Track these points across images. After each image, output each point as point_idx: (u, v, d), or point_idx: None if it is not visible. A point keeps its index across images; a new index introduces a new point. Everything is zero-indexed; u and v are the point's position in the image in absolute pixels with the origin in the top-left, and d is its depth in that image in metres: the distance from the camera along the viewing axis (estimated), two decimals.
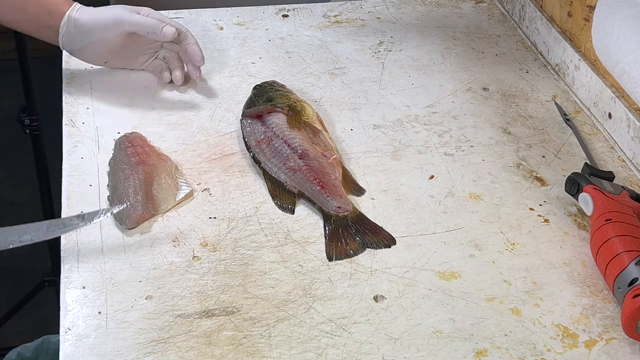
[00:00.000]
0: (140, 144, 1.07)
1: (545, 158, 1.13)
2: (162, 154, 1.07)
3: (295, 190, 1.03)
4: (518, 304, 0.91)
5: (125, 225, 0.97)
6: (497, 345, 0.86)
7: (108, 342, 0.84)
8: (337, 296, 0.90)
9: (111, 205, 0.99)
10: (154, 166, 1.04)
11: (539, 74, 1.31)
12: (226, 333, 0.86)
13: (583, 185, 1.00)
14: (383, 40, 1.37)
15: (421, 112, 1.20)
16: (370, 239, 0.97)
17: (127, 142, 1.08)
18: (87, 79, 1.22)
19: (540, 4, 1.37)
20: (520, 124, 1.19)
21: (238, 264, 0.94)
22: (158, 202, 1.00)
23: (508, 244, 0.98)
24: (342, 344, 0.85)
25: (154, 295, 0.89)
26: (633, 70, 1.11)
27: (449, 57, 1.34)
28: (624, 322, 0.86)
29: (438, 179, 1.08)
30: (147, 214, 0.98)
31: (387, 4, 1.47)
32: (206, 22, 1.39)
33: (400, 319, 0.88)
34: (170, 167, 1.05)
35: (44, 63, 1.14)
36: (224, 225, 0.99)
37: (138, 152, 1.05)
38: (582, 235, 1.00)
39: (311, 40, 1.36)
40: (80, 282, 0.90)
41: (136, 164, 1.03)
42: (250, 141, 1.09)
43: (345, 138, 1.14)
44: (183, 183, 1.03)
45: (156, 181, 1.02)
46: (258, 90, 1.17)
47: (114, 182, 1.02)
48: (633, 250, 0.89)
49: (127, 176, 1.01)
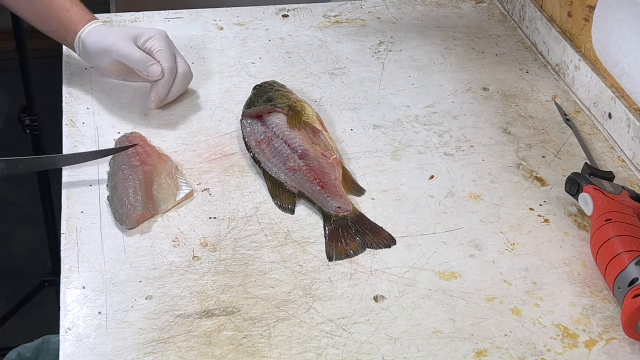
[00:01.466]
0: (140, 144, 1.07)
1: (545, 158, 1.13)
2: (162, 154, 1.07)
3: (295, 190, 1.03)
4: (518, 304, 0.91)
5: (125, 225, 0.97)
6: (497, 345, 0.86)
7: (108, 342, 0.84)
8: (337, 296, 0.90)
9: (110, 205, 0.99)
10: (154, 166, 1.04)
11: (539, 74, 1.31)
12: (226, 333, 0.86)
13: (583, 185, 1.00)
14: (383, 40, 1.37)
15: (421, 112, 1.20)
16: (370, 239, 0.97)
17: (127, 142, 1.08)
18: (87, 79, 1.22)
19: (540, 4, 1.37)
20: (520, 124, 1.19)
21: (238, 264, 0.94)
22: (158, 202, 1.00)
23: (508, 244, 0.98)
24: (342, 344, 0.85)
25: (154, 295, 0.89)
26: (633, 70, 1.11)
27: (449, 57, 1.34)
28: (624, 322, 0.86)
29: (438, 179, 1.08)
30: (147, 214, 0.98)
31: (387, 4, 1.47)
32: (206, 22, 1.39)
33: (400, 319, 0.88)
34: (171, 167, 1.05)
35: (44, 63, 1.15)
36: (224, 225, 0.99)
37: (138, 152, 1.05)
38: (582, 235, 1.00)
39: (311, 40, 1.36)
40: (80, 282, 0.90)
41: (136, 164, 1.03)
42: (250, 141, 1.09)
43: (345, 138, 1.14)
44: (183, 183, 1.03)
45: (156, 181, 1.02)
46: (258, 90, 1.17)
47: (113, 182, 1.02)
48: (633, 250, 0.89)
49: (127, 176, 1.01)
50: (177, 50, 1.18)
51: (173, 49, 1.17)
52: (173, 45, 1.17)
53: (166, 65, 1.14)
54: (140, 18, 1.38)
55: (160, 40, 1.15)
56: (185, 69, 1.17)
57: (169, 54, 1.14)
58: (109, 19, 1.37)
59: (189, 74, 1.18)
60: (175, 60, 1.16)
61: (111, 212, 0.99)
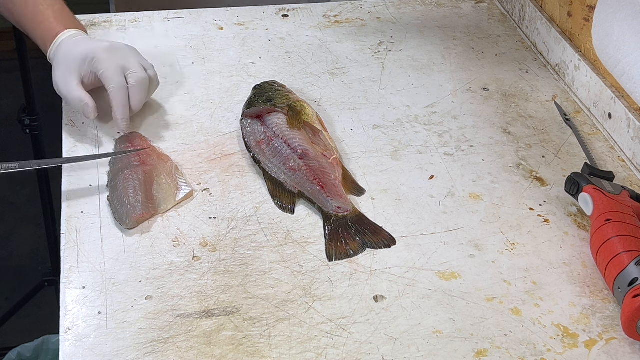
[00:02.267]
0: (140, 144, 1.07)
1: (545, 158, 1.13)
2: (162, 154, 1.07)
3: (295, 190, 1.03)
4: (518, 304, 0.91)
5: (125, 225, 0.97)
6: (497, 345, 0.86)
7: (108, 342, 0.84)
8: (337, 296, 0.90)
9: (110, 205, 0.99)
10: (154, 166, 1.04)
11: (539, 74, 1.31)
12: (226, 333, 0.86)
13: (583, 185, 1.00)
14: (383, 40, 1.37)
15: (421, 112, 1.20)
16: (370, 239, 0.97)
17: (127, 142, 1.08)
18: None
19: (540, 4, 1.37)
20: (520, 124, 1.19)
21: (238, 264, 0.94)
22: (158, 202, 1.00)
23: (508, 244, 0.98)
24: (342, 344, 0.85)
25: (154, 295, 0.89)
26: (633, 70, 1.11)
27: (449, 57, 1.34)
28: (624, 322, 0.86)
29: (438, 179, 1.08)
30: (147, 214, 0.98)
31: (387, 4, 1.47)
32: (206, 22, 1.39)
33: (400, 319, 0.88)
34: (170, 167, 1.05)
35: (44, 63, 1.14)
36: (224, 225, 0.99)
37: (138, 152, 1.05)
38: (582, 235, 1.00)
39: (311, 40, 1.36)
40: (80, 282, 0.90)
41: (136, 164, 1.03)
42: (250, 141, 1.09)
43: (345, 138, 1.14)
44: (183, 183, 1.03)
45: (156, 181, 1.02)
46: (258, 90, 1.17)
47: (113, 182, 1.02)
48: (633, 250, 0.89)
49: (127, 176, 1.01)
50: (135, 56, 1.13)
51: (121, 61, 1.11)
52: (126, 54, 1.12)
53: (111, 86, 1.09)
54: (140, 18, 1.38)
55: (100, 61, 1.09)
56: (139, 78, 1.10)
57: (112, 72, 1.09)
58: (109, 19, 1.37)
59: (145, 81, 1.11)
60: (123, 74, 1.10)
61: (111, 212, 0.99)
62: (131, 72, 1.10)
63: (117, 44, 1.14)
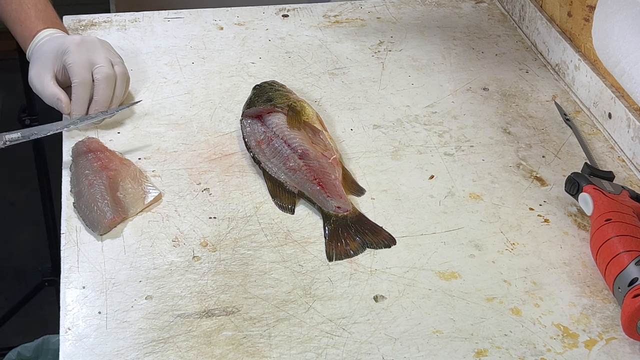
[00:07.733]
0: (99, 149, 1.05)
1: (545, 158, 1.13)
2: (123, 158, 1.06)
3: (295, 190, 1.03)
4: (518, 304, 0.91)
5: (97, 231, 0.95)
6: (497, 345, 0.86)
7: (108, 342, 0.84)
8: (337, 296, 0.90)
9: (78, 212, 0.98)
10: (117, 171, 1.02)
11: (539, 74, 1.31)
12: (226, 333, 0.86)
13: (583, 185, 1.00)
14: (383, 40, 1.37)
15: (421, 112, 1.20)
16: (370, 239, 0.97)
17: (85, 148, 1.05)
18: None
19: (540, 4, 1.37)
20: (520, 124, 1.19)
21: (238, 264, 0.94)
22: (126, 206, 0.99)
23: (508, 244, 0.98)
24: (342, 344, 0.85)
25: (154, 295, 0.89)
26: (633, 70, 1.11)
27: (449, 57, 1.34)
28: (624, 322, 0.86)
29: (438, 179, 1.08)
30: (118, 217, 0.97)
31: (387, 4, 1.47)
32: (206, 22, 1.39)
33: (400, 319, 0.88)
34: (135, 172, 1.03)
35: None
36: (224, 225, 0.99)
37: (99, 157, 1.03)
38: (582, 235, 1.00)
39: (311, 40, 1.36)
40: (80, 282, 0.90)
41: (99, 169, 1.02)
42: (250, 141, 1.09)
43: (345, 138, 1.14)
44: (150, 187, 1.02)
45: (121, 186, 1.00)
46: (258, 90, 1.17)
47: (78, 188, 1.00)
48: (633, 250, 0.89)
49: (92, 182, 1.00)
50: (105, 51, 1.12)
51: (89, 55, 1.10)
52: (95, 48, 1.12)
53: (75, 80, 1.08)
54: (140, 18, 1.38)
55: (70, 54, 1.09)
56: (105, 73, 1.10)
57: (78, 67, 1.09)
58: (109, 19, 1.37)
59: (110, 77, 1.11)
60: (90, 69, 1.10)
61: (80, 218, 0.98)
62: (98, 67, 1.10)
63: (88, 38, 1.13)
